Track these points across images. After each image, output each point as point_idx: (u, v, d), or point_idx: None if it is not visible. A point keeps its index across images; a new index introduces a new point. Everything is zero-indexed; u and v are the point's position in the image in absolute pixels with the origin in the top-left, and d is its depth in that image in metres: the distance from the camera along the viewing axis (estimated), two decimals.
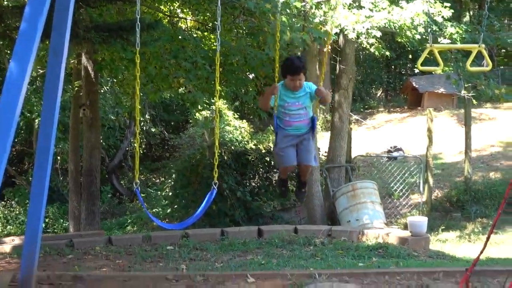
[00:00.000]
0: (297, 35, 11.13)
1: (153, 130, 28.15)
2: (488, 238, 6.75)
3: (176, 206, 16.16)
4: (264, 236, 10.84)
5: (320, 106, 8.66)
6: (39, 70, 16.59)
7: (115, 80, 17.27)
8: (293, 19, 11.58)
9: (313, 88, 6.81)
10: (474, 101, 16.83)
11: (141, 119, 25.85)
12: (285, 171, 7.38)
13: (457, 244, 13.19)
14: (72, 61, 14.72)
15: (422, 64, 6.91)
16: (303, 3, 12.29)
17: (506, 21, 39.84)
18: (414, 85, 34.74)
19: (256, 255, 9.42)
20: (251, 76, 14.55)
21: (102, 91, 19.00)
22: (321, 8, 12.71)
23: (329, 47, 15.17)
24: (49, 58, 5.74)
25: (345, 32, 12.88)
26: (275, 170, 16.84)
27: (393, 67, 44.17)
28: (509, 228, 13.97)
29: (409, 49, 33.06)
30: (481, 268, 7.79)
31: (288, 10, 11.55)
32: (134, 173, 5.71)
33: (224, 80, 13.61)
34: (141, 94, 18.26)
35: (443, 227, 14.90)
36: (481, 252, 6.79)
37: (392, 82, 44.38)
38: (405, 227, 13.90)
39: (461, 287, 6.74)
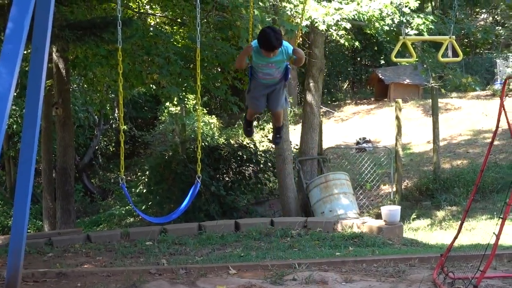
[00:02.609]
0: None
1: (123, 127, 28.09)
2: (461, 224, 6.97)
3: (150, 203, 16.19)
4: (241, 229, 10.99)
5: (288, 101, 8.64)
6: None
7: (84, 78, 17.23)
8: (264, 13, 11.69)
9: (290, 50, 6.71)
10: (443, 91, 17.08)
11: (111, 116, 25.83)
12: (252, 114, 7.68)
13: (429, 232, 13.43)
14: None
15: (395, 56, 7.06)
16: None
17: (468, 11, 40.32)
18: (380, 76, 35.01)
19: (235, 248, 9.57)
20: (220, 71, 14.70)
21: (71, 89, 18.97)
22: (292, 2, 12.85)
23: (300, 39, 15.30)
24: (31, 56, 5.80)
25: (315, 24, 13.02)
26: (247, 164, 16.97)
27: (359, 59, 44.43)
28: (480, 215, 14.23)
29: (374, 41, 33.40)
30: (455, 253, 7.99)
31: (260, 3, 11.67)
32: (120, 168, 5.78)
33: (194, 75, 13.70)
34: (110, 92, 18.30)
35: (414, 216, 15.13)
36: (455, 238, 7.02)
37: (358, 74, 44.65)
38: (378, 216, 14.12)
39: (437, 271, 6.95)
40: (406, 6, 13.65)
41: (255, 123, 30.11)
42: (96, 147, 27.90)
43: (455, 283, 6.46)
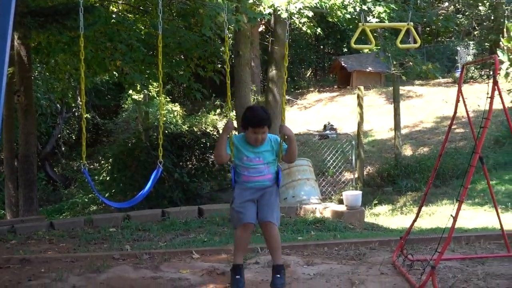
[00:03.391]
0: (232, 16, 11.30)
1: (85, 115, 27.95)
2: (420, 208, 7.12)
3: (114, 190, 16.17)
4: (205, 215, 11.05)
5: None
6: None
7: (45, 66, 17.11)
8: (227, 0, 11.74)
9: (278, 140, 5.93)
10: (404, 78, 17.30)
11: (73, 104, 25.66)
12: (241, 247, 5.95)
13: (390, 217, 13.64)
14: None
15: (354, 43, 7.17)
16: None
17: None
18: (343, 64, 35.25)
19: (198, 234, 9.62)
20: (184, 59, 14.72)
21: (33, 77, 18.82)
22: None
23: (262, 27, 15.38)
24: None
25: (278, 12, 13.10)
26: (210, 151, 17.02)
27: (321, 47, 44.62)
28: (439, 201, 14.48)
29: (337, 29, 33.61)
30: (414, 236, 8.17)
31: None
32: (82, 154, 5.81)
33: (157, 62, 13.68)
34: (73, 80, 18.18)
35: (376, 202, 15.35)
36: (414, 221, 7.16)
37: (321, 62, 44.84)
38: (340, 202, 14.30)
39: (396, 254, 7.10)
40: None
41: (218, 110, 30.28)
42: (59, 135, 27.70)
43: (414, 265, 6.59)
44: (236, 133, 6.33)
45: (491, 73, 5.69)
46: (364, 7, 13.56)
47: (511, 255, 7.02)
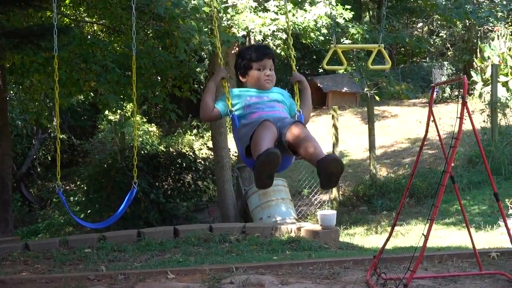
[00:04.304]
0: (206, 38, 11.38)
1: (60, 136, 27.87)
2: (393, 227, 7.20)
3: (89, 211, 16.14)
4: (180, 235, 11.06)
5: None
6: None
7: (20, 86, 17.08)
8: (201, 23, 11.82)
9: (288, 94, 5.23)
10: (378, 98, 17.46)
11: (48, 125, 25.58)
12: (263, 134, 4.33)
13: (365, 236, 13.70)
14: None
15: (327, 64, 7.26)
16: (211, 8, 12.54)
17: (405, 20, 41.14)
18: (318, 84, 35.37)
19: (174, 254, 9.64)
20: (159, 80, 14.76)
21: (8, 97, 18.77)
22: (228, 12, 13.02)
23: (236, 49, 15.48)
24: None
25: (252, 35, 13.22)
26: (187, 171, 17.05)
27: (297, 67, 44.79)
28: (412, 220, 14.56)
29: (313, 49, 33.84)
30: (388, 255, 8.24)
31: (197, 15, 11.79)
32: (57, 175, 5.84)
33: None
34: (48, 100, 18.15)
35: (351, 221, 15.41)
36: (387, 240, 7.24)
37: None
38: (316, 222, 14.35)
39: (370, 273, 7.16)
40: (340, 17, 13.99)
41: (194, 131, 30.26)
42: (34, 156, 27.58)
43: (387, 283, 6.66)
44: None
45: (461, 93, 5.80)
46: (336, 28, 13.74)
47: (483, 273, 7.12)
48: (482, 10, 14.66)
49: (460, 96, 5.87)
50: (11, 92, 19.69)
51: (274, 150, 4.10)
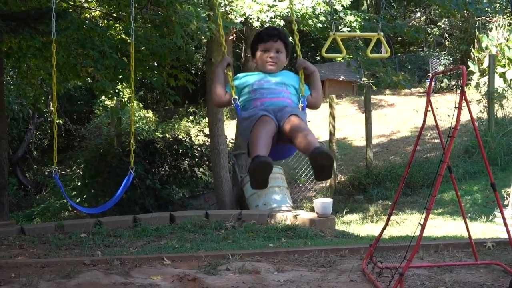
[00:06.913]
0: (204, 24, 11.33)
1: (57, 121, 27.82)
2: (389, 216, 7.20)
3: (85, 196, 16.11)
4: (176, 221, 11.07)
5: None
6: None
7: (17, 70, 17.03)
8: (199, 9, 11.77)
9: (297, 78, 5.05)
10: (374, 87, 17.43)
11: (45, 110, 25.56)
12: (261, 132, 4.36)
13: (360, 225, 13.72)
14: None
15: (326, 52, 7.23)
16: None
17: (402, 9, 41.13)
18: None
19: (169, 240, 9.64)
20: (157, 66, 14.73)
21: (4, 81, 18.72)
22: None
23: (234, 35, 15.44)
24: None
25: (250, 21, 13.17)
26: (183, 158, 17.03)
27: (294, 55, 44.72)
28: (409, 209, 14.58)
29: (311, 37, 33.78)
30: (384, 244, 8.26)
31: (195, 0, 11.75)
32: (53, 159, 5.83)
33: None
34: (45, 85, 18.11)
35: (347, 210, 15.41)
36: (383, 229, 7.25)
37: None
38: (312, 210, 14.36)
39: (366, 261, 7.17)
40: (338, 4, 13.94)
41: (191, 117, 30.23)
42: (30, 141, 27.57)
43: (383, 272, 6.67)
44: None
45: (460, 83, 5.79)
46: (335, 15, 13.69)
47: (478, 263, 7.13)
48: (481, 1, 14.57)
49: (459, 86, 5.86)
50: (8, 76, 19.61)
51: (265, 159, 4.16)
